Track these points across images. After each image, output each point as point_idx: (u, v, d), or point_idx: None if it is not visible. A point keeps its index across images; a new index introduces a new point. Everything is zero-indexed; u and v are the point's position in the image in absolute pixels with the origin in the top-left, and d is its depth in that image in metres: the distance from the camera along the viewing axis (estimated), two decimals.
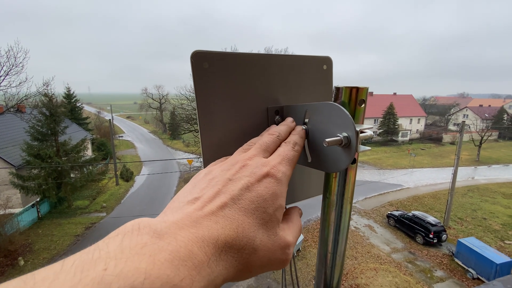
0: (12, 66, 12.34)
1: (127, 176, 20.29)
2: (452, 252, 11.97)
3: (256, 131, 0.46)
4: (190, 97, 20.33)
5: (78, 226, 13.62)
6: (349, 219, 0.45)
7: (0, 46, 12.92)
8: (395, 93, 43.48)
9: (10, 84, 12.57)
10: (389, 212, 15.17)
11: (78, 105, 27.88)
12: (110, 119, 23.32)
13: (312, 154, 0.43)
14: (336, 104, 0.37)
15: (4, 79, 12.33)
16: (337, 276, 0.48)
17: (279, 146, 0.39)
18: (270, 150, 0.38)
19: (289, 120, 0.45)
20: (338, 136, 0.35)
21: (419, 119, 42.61)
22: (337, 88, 0.39)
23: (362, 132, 0.36)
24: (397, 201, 17.76)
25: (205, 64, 0.41)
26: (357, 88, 0.37)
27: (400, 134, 36.87)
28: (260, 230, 0.30)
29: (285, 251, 0.32)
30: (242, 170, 0.33)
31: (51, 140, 14.83)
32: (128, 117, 65.54)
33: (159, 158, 26.57)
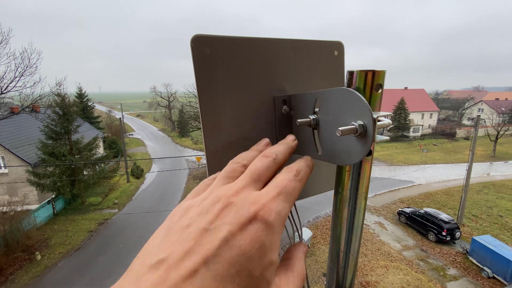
0: (26, 67, 12.71)
1: (138, 174, 20.68)
2: (466, 250, 11.66)
3: (262, 122, 0.43)
4: None
5: (92, 222, 14.01)
6: (364, 216, 0.42)
7: (15, 48, 13.24)
8: (406, 88, 42.42)
9: (25, 85, 12.95)
10: (400, 209, 14.89)
11: (89, 104, 28.49)
12: (120, 118, 23.82)
13: (322, 146, 0.40)
14: (350, 89, 0.33)
15: (19, 80, 12.72)
16: (350, 277, 0.45)
17: (275, 172, 0.32)
18: (263, 179, 0.30)
19: (289, 139, 0.38)
20: (353, 125, 0.32)
21: (431, 113, 41.48)
22: (351, 73, 0.35)
23: (379, 120, 0.32)
24: (408, 198, 17.40)
25: (206, 49, 0.38)
26: (373, 72, 0.33)
27: (411, 130, 36.01)
28: None
29: None
30: (224, 214, 0.25)
31: (64, 139, 15.26)
32: (138, 116, 66.66)
33: (169, 155, 26.92)
